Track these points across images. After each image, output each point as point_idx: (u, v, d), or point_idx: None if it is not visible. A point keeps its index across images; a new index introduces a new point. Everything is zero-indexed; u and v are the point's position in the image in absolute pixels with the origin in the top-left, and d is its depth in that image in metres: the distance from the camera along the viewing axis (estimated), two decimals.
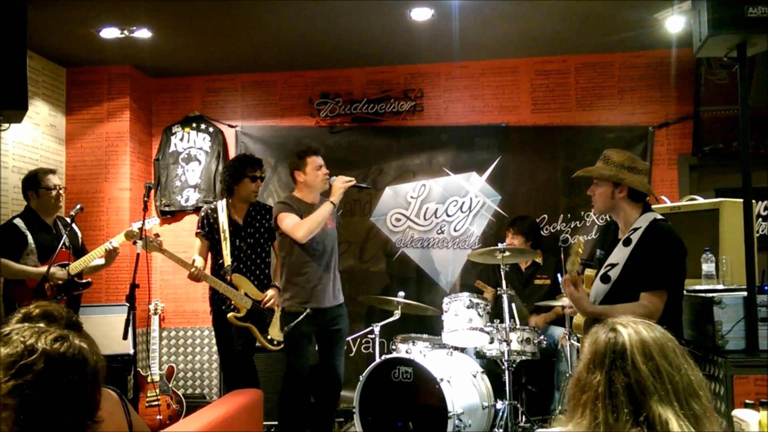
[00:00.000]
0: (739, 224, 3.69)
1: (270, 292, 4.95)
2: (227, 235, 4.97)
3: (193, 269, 4.78)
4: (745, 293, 3.56)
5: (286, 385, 4.73)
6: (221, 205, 5.06)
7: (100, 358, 1.70)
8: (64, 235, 4.72)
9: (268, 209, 5.18)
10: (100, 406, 1.67)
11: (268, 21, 5.37)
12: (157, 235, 4.73)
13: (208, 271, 5.03)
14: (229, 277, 4.90)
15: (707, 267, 3.92)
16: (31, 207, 4.81)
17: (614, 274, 3.31)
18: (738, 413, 2.64)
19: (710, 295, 3.63)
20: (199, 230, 5.06)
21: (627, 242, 3.30)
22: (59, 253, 4.62)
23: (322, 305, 4.70)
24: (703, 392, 1.56)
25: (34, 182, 4.81)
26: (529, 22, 5.47)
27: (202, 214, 5.09)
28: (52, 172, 4.93)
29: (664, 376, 1.53)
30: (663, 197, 5.20)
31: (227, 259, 4.94)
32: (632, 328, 1.62)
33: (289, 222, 4.62)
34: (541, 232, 6.13)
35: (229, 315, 4.84)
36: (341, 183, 4.70)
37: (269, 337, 4.94)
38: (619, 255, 3.32)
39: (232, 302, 4.87)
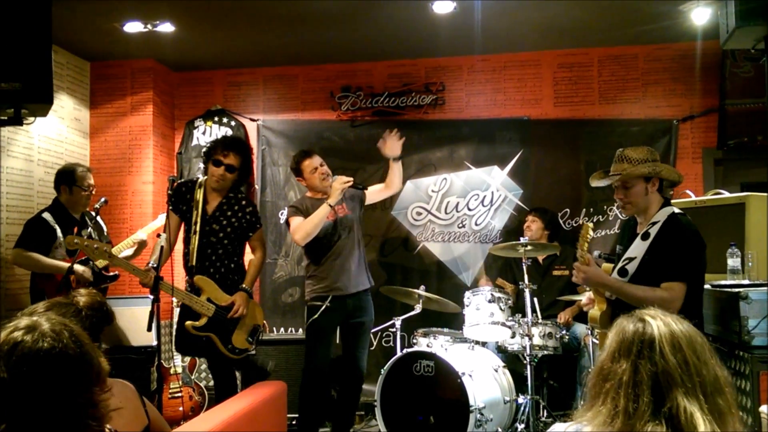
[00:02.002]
0: (765, 219, 3.65)
1: (237, 300, 4.42)
2: (197, 228, 4.46)
3: (143, 278, 4.17)
4: None
5: (305, 378, 4.76)
6: (201, 182, 4.56)
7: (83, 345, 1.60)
8: (89, 229, 4.76)
9: (244, 205, 4.61)
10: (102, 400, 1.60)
11: (290, 15, 5.37)
12: (105, 239, 4.30)
13: (180, 253, 4.61)
14: (191, 281, 4.47)
15: (733, 262, 3.88)
16: (60, 201, 4.85)
17: (632, 267, 3.31)
18: (765, 409, 2.62)
19: (736, 290, 3.59)
20: (168, 203, 4.46)
21: (645, 236, 3.30)
22: None
23: (344, 292, 4.74)
24: (728, 389, 1.55)
25: (70, 178, 4.83)
26: (551, 14, 5.43)
27: (178, 185, 4.53)
28: (89, 170, 4.95)
29: (692, 368, 1.51)
30: (688, 191, 5.16)
31: (192, 258, 4.46)
32: (661, 319, 1.60)
33: (293, 225, 4.74)
34: (563, 226, 6.12)
35: (187, 324, 4.33)
36: (339, 184, 4.72)
37: (231, 345, 4.42)
38: (637, 249, 3.31)
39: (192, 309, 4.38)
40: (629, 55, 6.29)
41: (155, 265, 4.20)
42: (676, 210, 3.32)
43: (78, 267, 4.59)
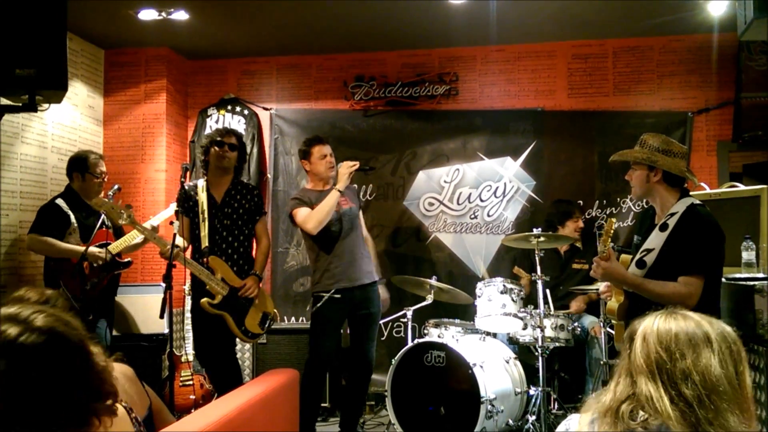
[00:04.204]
0: None
1: (249, 282, 4.62)
2: (206, 215, 4.62)
3: (164, 247, 4.32)
4: None
5: (308, 368, 4.75)
6: (201, 183, 4.74)
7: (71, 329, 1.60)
8: (103, 215, 4.78)
9: (251, 189, 4.88)
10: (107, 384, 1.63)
11: (304, 3, 5.36)
12: (129, 206, 4.44)
13: (188, 255, 4.68)
14: (205, 260, 4.56)
15: (747, 255, 3.87)
16: (72, 188, 4.88)
17: (650, 259, 3.27)
18: None
19: (751, 283, 3.57)
20: (178, 208, 4.62)
21: (663, 227, 3.26)
22: (98, 232, 4.67)
23: (353, 284, 4.73)
24: (700, 378, 1.61)
25: (83, 165, 4.85)
26: (567, 4, 5.39)
27: (182, 191, 4.63)
28: (101, 157, 4.98)
29: (653, 359, 1.66)
30: (702, 184, 5.13)
31: (204, 241, 4.59)
32: (653, 318, 1.75)
33: (300, 216, 4.70)
34: None
35: (203, 301, 4.47)
36: (345, 169, 4.74)
37: (244, 328, 4.59)
38: (656, 240, 3.28)
39: (207, 287, 4.50)
40: (644, 46, 6.24)
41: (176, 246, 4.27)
42: (696, 201, 3.28)
43: (93, 249, 4.62)
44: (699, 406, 1.58)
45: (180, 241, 4.52)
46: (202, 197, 4.67)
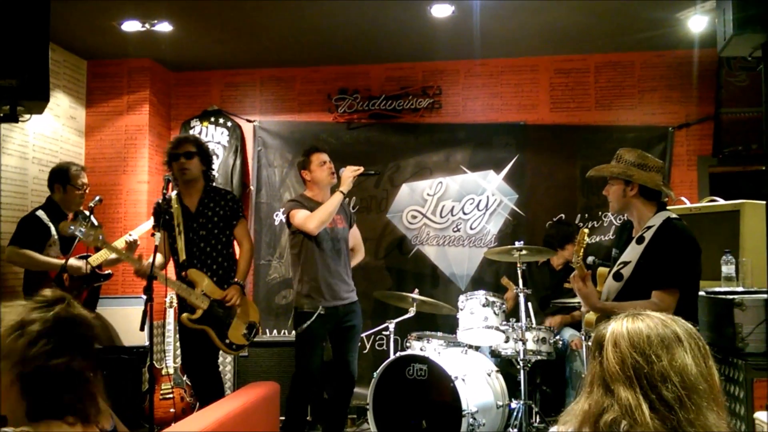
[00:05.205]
0: (760, 226, 3.65)
1: (230, 292, 4.45)
2: (182, 228, 4.50)
3: (137, 265, 4.24)
4: (766, 295, 3.53)
5: (294, 384, 4.72)
6: (174, 195, 4.58)
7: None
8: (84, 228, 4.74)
9: (224, 194, 4.69)
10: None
11: (288, 16, 5.37)
12: (99, 227, 4.38)
13: (172, 270, 4.62)
14: (184, 273, 4.44)
15: (727, 269, 3.89)
16: (53, 199, 4.84)
17: (627, 272, 3.31)
18: (759, 416, 2.63)
19: (731, 297, 3.60)
20: (155, 223, 4.52)
21: (640, 240, 3.30)
22: (78, 245, 4.64)
23: (336, 303, 4.71)
24: (679, 378, 1.61)
25: (64, 177, 4.82)
26: (550, 19, 5.44)
27: (156, 206, 4.56)
28: (83, 169, 4.95)
29: (628, 363, 1.64)
30: (682, 198, 5.18)
31: (182, 254, 4.48)
32: (620, 321, 1.73)
33: (300, 216, 4.64)
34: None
35: (183, 316, 4.37)
36: (350, 172, 4.74)
37: (228, 341, 4.46)
38: (632, 253, 3.32)
39: (187, 302, 4.41)
40: (626, 61, 6.31)
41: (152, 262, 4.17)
42: (672, 215, 3.32)
43: (73, 261, 4.58)
44: (680, 408, 1.58)
45: (159, 258, 4.36)
46: (177, 209, 4.55)
